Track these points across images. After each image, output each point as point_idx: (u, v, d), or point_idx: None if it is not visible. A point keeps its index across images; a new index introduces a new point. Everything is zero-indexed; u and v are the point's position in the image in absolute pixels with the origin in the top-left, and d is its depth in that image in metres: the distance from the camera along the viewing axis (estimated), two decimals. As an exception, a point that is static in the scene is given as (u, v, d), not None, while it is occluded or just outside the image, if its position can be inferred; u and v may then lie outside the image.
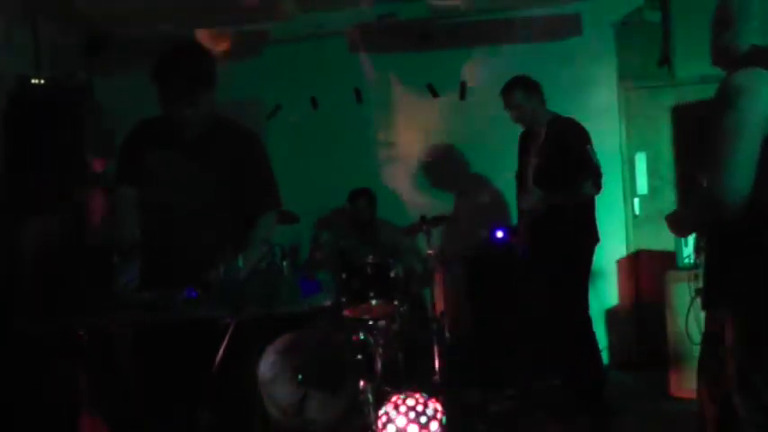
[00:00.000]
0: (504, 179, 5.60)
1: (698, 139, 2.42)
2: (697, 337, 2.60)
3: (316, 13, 5.61)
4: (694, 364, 2.62)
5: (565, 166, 4.12)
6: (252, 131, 3.12)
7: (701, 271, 2.38)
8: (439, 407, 3.63)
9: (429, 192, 5.82)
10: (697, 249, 2.41)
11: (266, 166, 3.13)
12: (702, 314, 2.51)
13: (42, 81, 4.41)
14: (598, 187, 4.14)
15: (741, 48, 2.32)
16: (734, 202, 2.11)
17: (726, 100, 2.18)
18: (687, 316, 2.69)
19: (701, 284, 2.38)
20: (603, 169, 4.18)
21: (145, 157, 2.94)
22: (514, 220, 4.92)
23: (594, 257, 4.31)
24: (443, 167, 5.90)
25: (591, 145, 4.13)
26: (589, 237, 4.24)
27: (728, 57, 2.36)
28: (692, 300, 2.50)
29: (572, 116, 4.32)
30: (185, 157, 2.90)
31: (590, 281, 4.26)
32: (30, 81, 4.38)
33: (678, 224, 2.50)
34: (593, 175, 4.09)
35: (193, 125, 2.88)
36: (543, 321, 4.42)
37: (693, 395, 2.66)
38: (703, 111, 2.45)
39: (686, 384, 4.16)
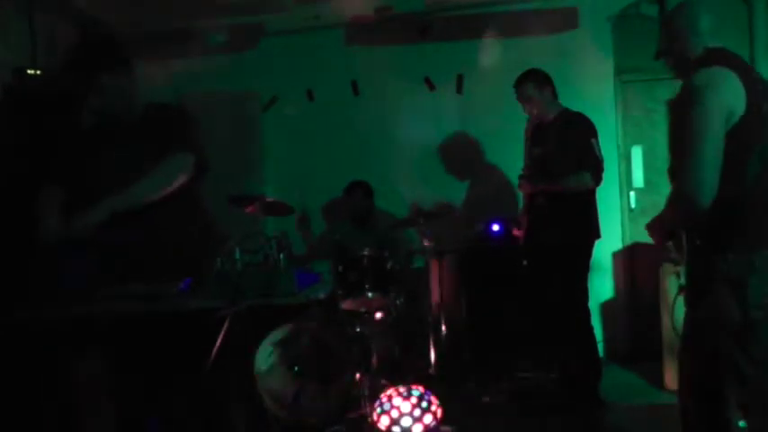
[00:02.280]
0: (500, 171, 5.65)
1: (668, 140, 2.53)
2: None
3: (312, 5, 5.59)
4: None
5: (566, 156, 4.14)
6: (178, 105, 3.04)
7: (682, 269, 2.43)
8: (435, 399, 3.63)
9: (426, 184, 5.82)
10: (678, 247, 2.44)
11: (189, 126, 2.99)
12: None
13: (38, 73, 4.40)
14: (597, 181, 4.17)
15: (696, 53, 2.43)
16: (704, 197, 2.17)
17: (690, 97, 2.27)
18: (673, 309, 2.71)
19: (683, 281, 2.45)
20: (599, 162, 4.20)
21: (83, 153, 2.95)
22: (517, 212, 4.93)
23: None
24: (449, 157, 5.91)
25: (596, 139, 4.16)
26: (589, 231, 4.25)
27: (685, 64, 2.47)
28: (677, 296, 2.53)
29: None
30: (119, 144, 2.90)
31: (589, 274, 4.28)
32: (26, 73, 4.37)
33: (656, 229, 2.53)
34: (593, 168, 4.11)
35: (114, 112, 2.86)
36: (540, 314, 4.43)
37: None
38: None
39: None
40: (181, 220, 2.83)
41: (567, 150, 4.16)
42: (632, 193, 5.68)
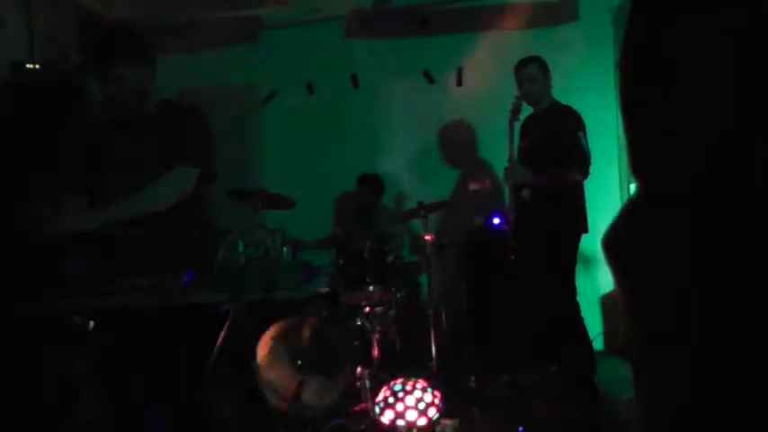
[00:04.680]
0: (500, 165, 5.64)
1: None
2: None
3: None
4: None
5: (553, 149, 4.14)
6: (194, 107, 2.98)
7: None
8: (436, 392, 3.64)
9: (426, 177, 5.82)
10: None
11: (201, 136, 2.94)
12: None
13: (37, 66, 4.39)
14: (584, 174, 4.15)
15: None
16: None
17: None
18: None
19: None
20: (600, 155, 4.20)
21: (93, 147, 2.94)
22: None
23: (590, 243, 4.32)
24: (444, 149, 5.91)
25: (583, 133, 4.15)
26: (576, 226, 4.24)
27: None
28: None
29: (569, 103, 4.34)
30: (128, 138, 2.89)
31: (576, 268, 4.27)
32: (24, 66, 4.36)
33: None
34: (580, 162, 4.10)
35: (127, 103, 2.85)
36: (536, 308, 4.44)
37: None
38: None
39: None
40: (183, 214, 2.82)
41: (554, 143, 4.16)
42: (632, 186, 5.69)
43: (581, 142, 4.11)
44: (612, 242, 1.03)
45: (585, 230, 4.26)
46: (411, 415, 3.52)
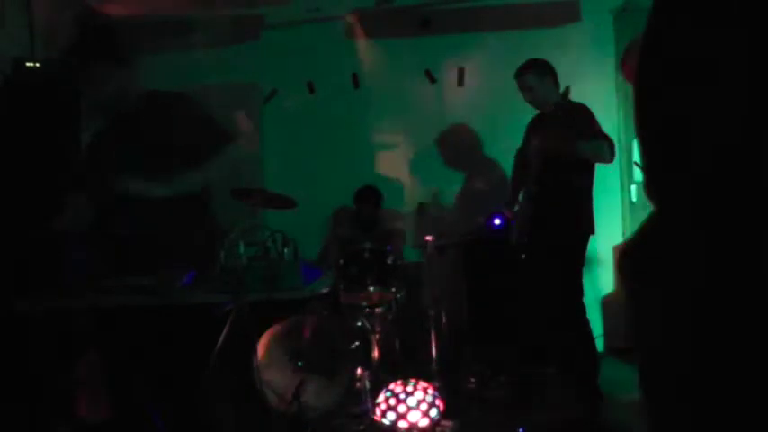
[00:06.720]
0: (502, 164, 5.63)
1: None
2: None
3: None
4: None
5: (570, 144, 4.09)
6: (179, 95, 3.01)
7: None
8: (437, 393, 3.63)
9: (427, 177, 5.81)
10: None
11: (192, 122, 2.97)
12: None
13: (37, 65, 4.37)
14: (611, 152, 4.06)
15: None
16: None
17: None
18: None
19: None
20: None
21: (97, 149, 2.95)
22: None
23: (591, 244, 4.31)
24: (448, 150, 5.90)
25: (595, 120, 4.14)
26: (583, 226, 4.22)
27: None
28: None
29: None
30: (123, 135, 2.89)
31: (583, 269, 4.26)
32: (24, 64, 4.34)
33: None
34: (608, 141, 4.05)
35: (110, 102, 2.85)
36: (538, 309, 4.42)
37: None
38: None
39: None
40: (186, 213, 2.82)
41: (571, 138, 4.12)
42: (633, 187, 5.68)
43: (596, 128, 4.09)
44: (630, 262, 1.02)
45: (593, 231, 4.25)
46: (411, 416, 3.51)
